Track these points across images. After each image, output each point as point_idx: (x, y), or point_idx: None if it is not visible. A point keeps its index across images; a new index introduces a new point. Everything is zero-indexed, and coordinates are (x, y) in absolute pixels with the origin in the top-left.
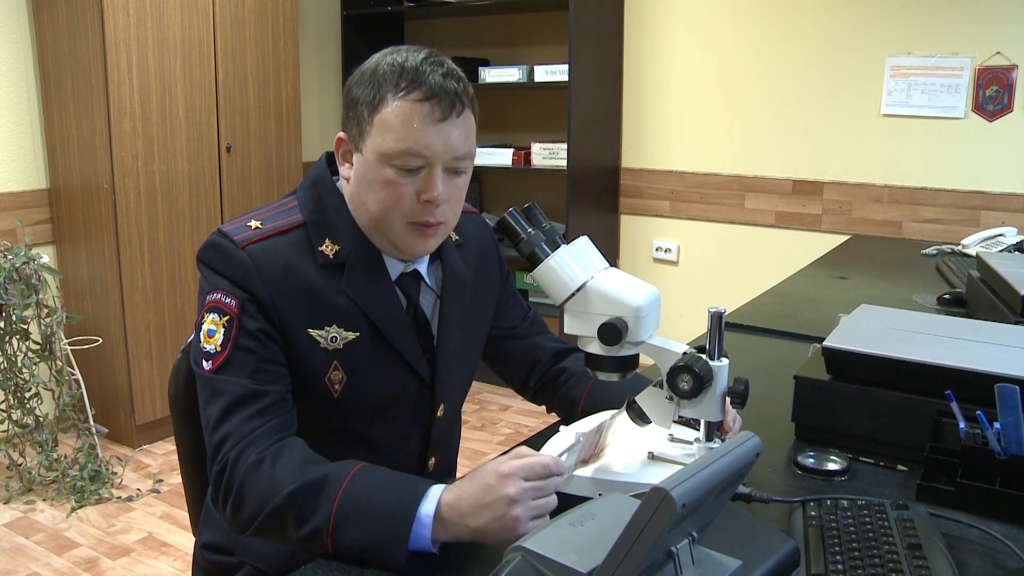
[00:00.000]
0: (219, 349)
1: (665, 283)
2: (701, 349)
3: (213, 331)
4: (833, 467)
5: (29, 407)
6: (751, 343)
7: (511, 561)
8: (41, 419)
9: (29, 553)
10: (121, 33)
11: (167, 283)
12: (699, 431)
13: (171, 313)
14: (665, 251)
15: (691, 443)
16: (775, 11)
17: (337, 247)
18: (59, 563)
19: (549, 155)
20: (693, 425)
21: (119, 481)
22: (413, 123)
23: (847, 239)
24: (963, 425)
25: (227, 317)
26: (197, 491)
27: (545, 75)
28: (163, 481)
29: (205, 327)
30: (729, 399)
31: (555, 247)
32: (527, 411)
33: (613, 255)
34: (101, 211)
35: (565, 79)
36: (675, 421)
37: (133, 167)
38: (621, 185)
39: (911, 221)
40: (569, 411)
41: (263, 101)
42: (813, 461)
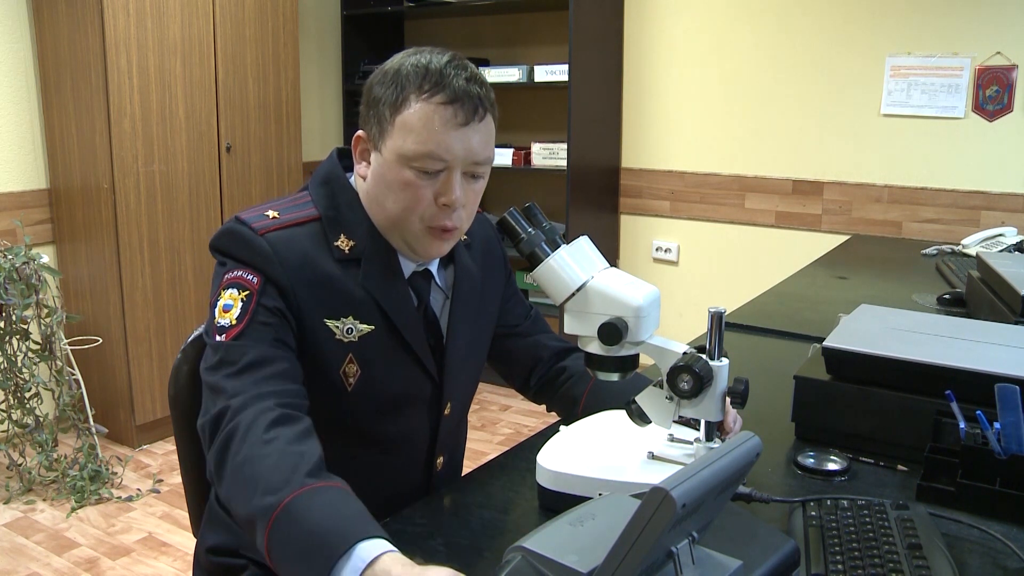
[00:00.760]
0: (235, 322)
1: (665, 283)
2: (701, 349)
3: (230, 305)
4: (833, 467)
5: (29, 407)
6: (751, 343)
7: (511, 561)
8: (41, 419)
9: (29, 553)
10: (121, 33)
11: (167, 283)
12: (699, 431)
13: (171, 313)
14: (665, 251)
15: (691, 443)
16: (775, 11)
17: (352, 243)
18: (59, 563)
19: (549, 155)
20: (693, 425)
21: (119, 481)
22: (435, 125)
23: (847, 239)
24: (963, 425)
25: (247, 292)
26: (198, 491)
27: (545, 75)
28: (163, 481)
29: (222, 303)
30: (729, 399)
31: (555, 247)
32: (527, 411)
33: (613, 255)
34: (101, 211)
35: (565, 79)
36: (675, 421)
37: (133, 167)
38: (621, 185)
39: (911, 221)
40: (569, 410)
41: (263, 101)
42: (813, 461)
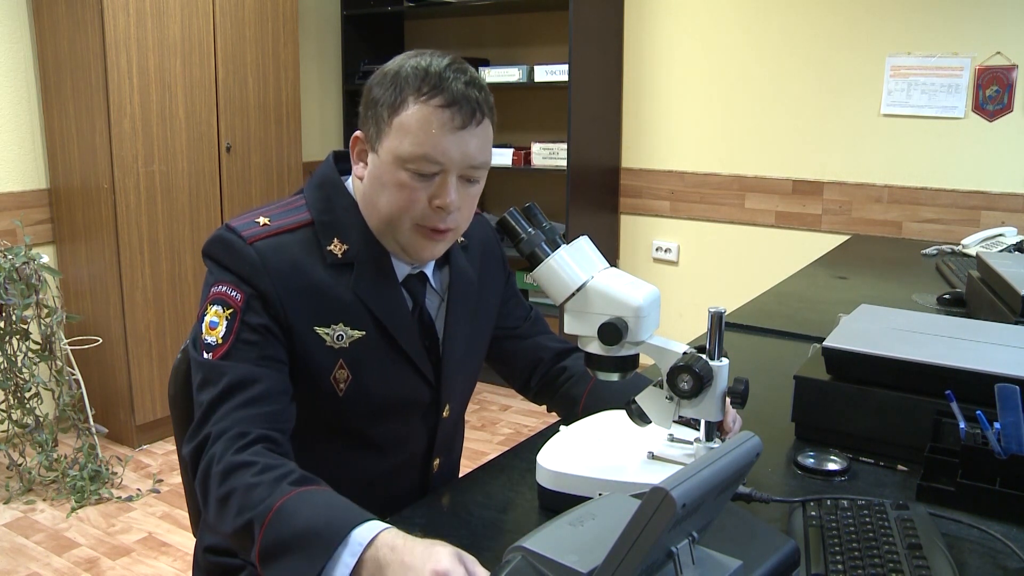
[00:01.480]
0: (220, 341)
1: (665, 283)
2: (701, 349)
3: (216, 323)
4: (833, 467)
5: (29, 407)
6: (751, 343)
7: (511, 561)
8: (41, 419)
9: (29, 553)
10: (121, 33)
11: (167, 283)
12: (699, 431)
13: (171, 313)
14: (665, 251)
15: (691, 443)
16: (775, 11)
17: (345, 246)
18: (59, 563)
19: (549, 155)
20: (693, 425)
21: (119, 481)
22: (432, 128)
23: (847, 239)
24: (963, 425)
25: (231, 310)
26: None
27: (545, 75)
28: (163, 481)
29: (208, 319)
30: (729, 399)
31: (555, 247)
32: (527, 411)
33: (613, 255)
34: (101, 211)
35: (565, 79)
36: (675, 421)
37: (133, 167)
38: (621, 185)
39: (911, 221)
40: (570, 411)
41: (263, 101)
42: (813, 461)
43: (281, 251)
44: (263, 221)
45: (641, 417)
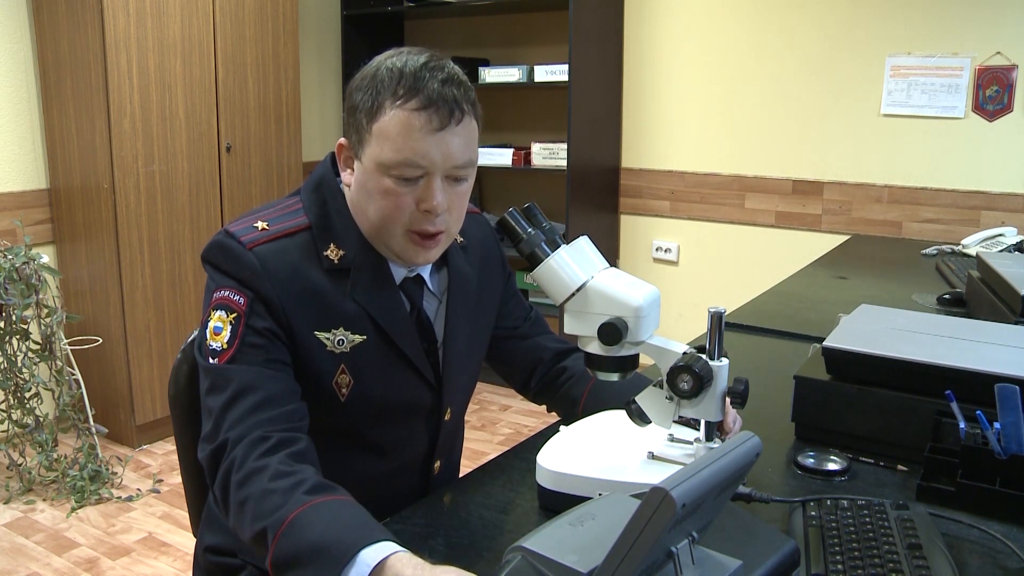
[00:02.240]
0: (226, 346)
1: (665, 283)
2: (701, 349)
3: (220, 328)
4: (833, 467)
5: (29, 407)
6: (751, 343)
7: (511, 561)
8: (41, 419)
9: (29, 553)
10: (121, 33)
11: (167, 283)
12: (699, 431)
13: (171, 313)
14: (665, 251)
15: (691, 443)
16: (775, 11)
17: (342, 252)
18: (59, 563)
19: (549, 155)
20: (693, 425)
21: (119, 481)
22: (410, 133)
23: (847, 239)
24: (963, 425)
25: (235, 315)
26: (197, 491)
27: (545, 75)
28: (163, 481)
29: (212, 324)
30: (729, 399)
31: (555, 247)
32: (527, 411)
33: (613, 255)
34: (101, 211)
35: (565, 79)
36: (675, 421)
37: (133, 167)
38: (621, 185)
39: (911, 221)
40: (570, 411)
41: (263, 101)
42: (813, 461)
43: (280, 256)
44: (262, 225)
45: (641, 417)
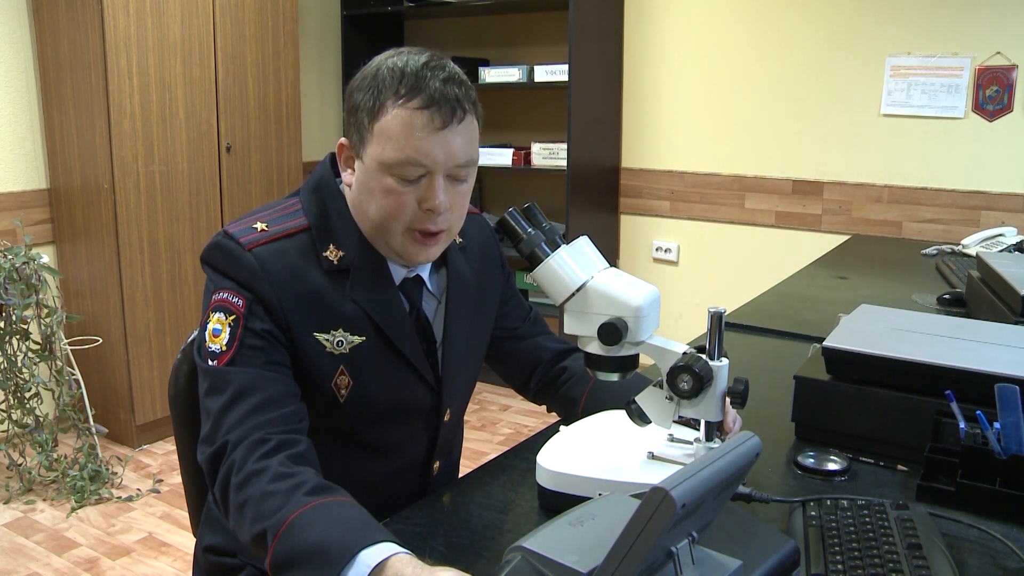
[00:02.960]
0: (225, 348)
1: (665, 283)
2: (701, 349)
3: (219, 330)
4: (833, 467)
5: (29, 407)
6: (751, 343)
7: (511, 561)
8: (41, 419)
9: (29, 553)
10: (121, 33)
11: (167, 283)
12: (699, 431)
13: (171, 313)
14: (665, 251)
15: (691, 443)
16: (775, 11)
17: (341, 253)
18: (59, 563)
19: (549, 155)
20: (693, 425)
21: (119, 481)
22: (412, 132)
23: (847, 239)
24: (963, 425)
25: (233, 316)
26: (197, 491)
27: (545, 75)
28: (163, 481)
29: (211, 326)
30: (729, 399)
31: (555, 247)
32: (527, 411)
33: (613, 255)
34: (101, 211)
35: (565, 79)
36: (675, 421)
37: (133, 167)
38: (621, 185)
39: (911, 221)
40: (570, 411)
41: (263, 101)
42: (813, 461)
43: (280, 257)
44: (261, 227)
45: (641, 417)
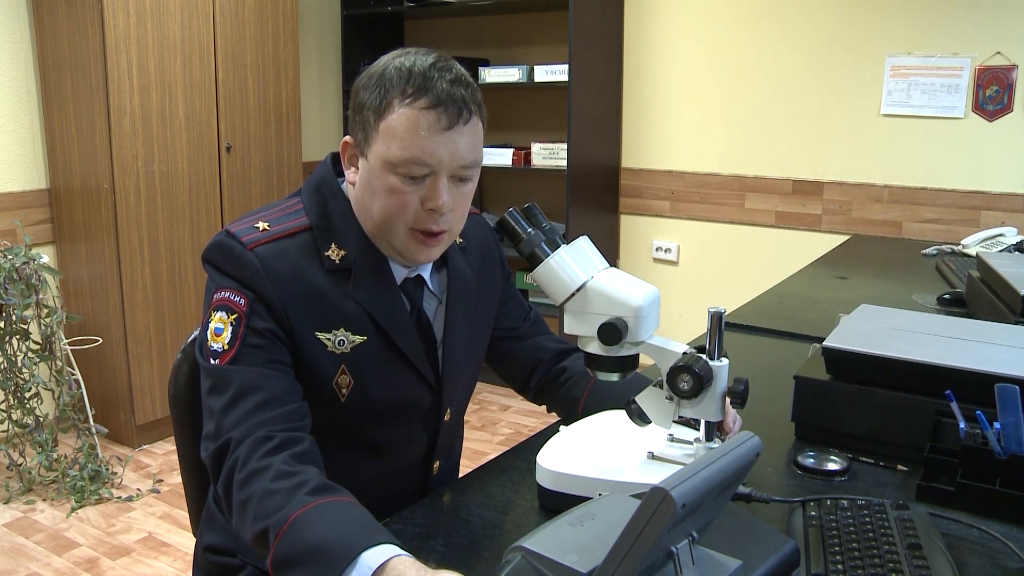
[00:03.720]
0: (227, 347)
1: (665, 283)
2: (701, 349)
3: (221, 329)
4: (833, 467)
5: (29, 407)
6: (751, 343)
7: (511, 561)
8: (41, 419)
9: (29, 553)
10: (121, 33)
11: (167, 283)
12: (699, 431)
13: (171, 313)
14: (665, 251)
15: (691, 443)
16: (775, 11)
17: (343, 252)
18: (59, 563)
19: (549, 155)
20: (693, 425)
21: (119, 481)
22: (419, 131)
23: (847, 239)
24: (963, 425)
25: (235, 315)
26: (197, 491)
27: (545, 75)
28: (163, 481)
29: (213, 325)
30: (729, 399)
31: (555, 247)
32: (527, 411)
33: (613, 255)
34: (101, 211)
35: (565, 79)
36: (675, 421)
37: (133, 167)
38: (621, 185)
39: (911, 221)
40: (569, 411)
41: (263, 101)
42: (813, 461)
43: (281, 256)
44: (263, 226)
45: (641, 417)
